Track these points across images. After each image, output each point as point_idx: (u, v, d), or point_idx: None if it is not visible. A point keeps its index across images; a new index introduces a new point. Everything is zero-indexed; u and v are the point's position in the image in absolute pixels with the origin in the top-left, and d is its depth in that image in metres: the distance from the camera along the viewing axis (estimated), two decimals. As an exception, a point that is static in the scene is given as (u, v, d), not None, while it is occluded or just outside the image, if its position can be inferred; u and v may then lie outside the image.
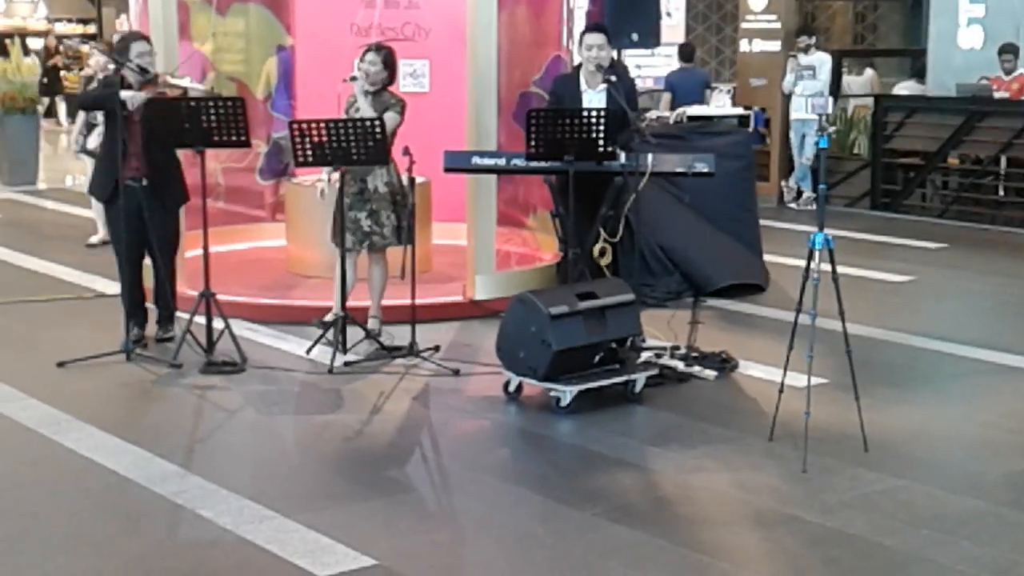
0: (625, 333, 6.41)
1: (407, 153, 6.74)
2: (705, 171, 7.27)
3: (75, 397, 6.34)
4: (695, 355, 6.95)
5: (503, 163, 7.48)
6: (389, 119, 7.05)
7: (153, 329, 7.37)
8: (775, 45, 13.55)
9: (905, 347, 7.52)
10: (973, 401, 6.53)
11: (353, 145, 6.79)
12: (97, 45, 10.57)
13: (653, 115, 12.16)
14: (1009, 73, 12.25)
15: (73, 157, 11.01)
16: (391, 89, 7.34)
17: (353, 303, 7.16)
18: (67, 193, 13.75)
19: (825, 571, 4.44)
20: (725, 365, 6.88)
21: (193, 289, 7.33)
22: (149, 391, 6.56)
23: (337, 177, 7.03)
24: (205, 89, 7.23)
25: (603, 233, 7.34)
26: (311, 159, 6.89)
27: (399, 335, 7.14)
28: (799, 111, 12.78)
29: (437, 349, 7.07)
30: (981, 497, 5.09)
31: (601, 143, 6.86)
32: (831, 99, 12.50)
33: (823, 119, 5.82)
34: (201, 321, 6.92)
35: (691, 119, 11.82)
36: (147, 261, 7.29)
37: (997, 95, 12.27)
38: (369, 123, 6.82)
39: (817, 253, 5.48)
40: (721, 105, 13.08)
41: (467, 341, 7.44)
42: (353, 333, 7.08)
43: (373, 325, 7.30)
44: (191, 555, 4.53)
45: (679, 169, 7.34)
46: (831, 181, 12.80)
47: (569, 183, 6.83)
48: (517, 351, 6.22)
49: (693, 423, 6.05)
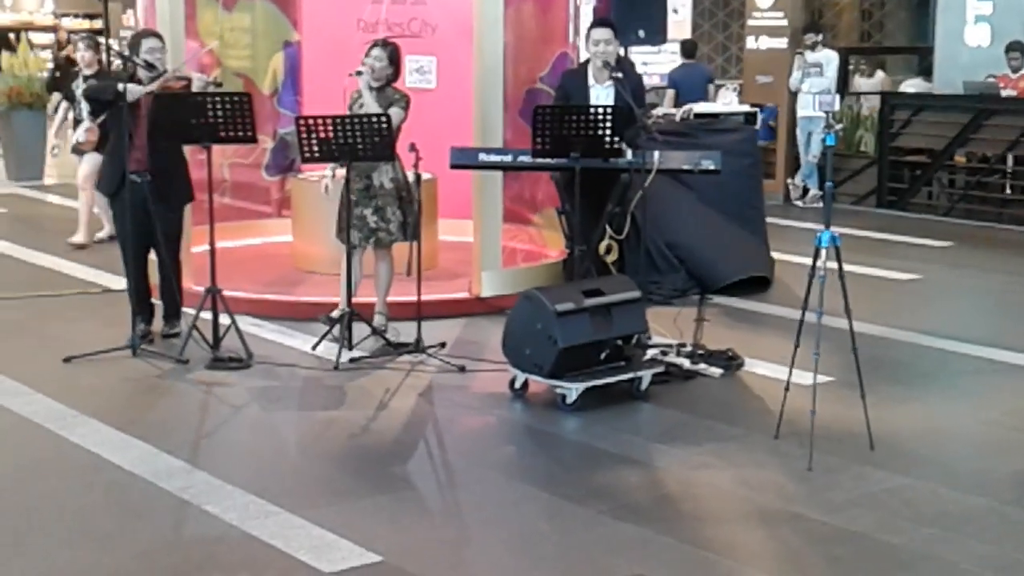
0: (631, 330, 6.41)
1: (413, 149, 6.73)
2: (711, 168, 7.26)
3: (81, 392, 6.35)
4: (701, 353, 6.95)
5: (509, 159, 7.47)
6: (394, 115, 7.04)
7: (159, 325, 7.39)
8: (782, 42, 13.53)
9: (911, 345, 7.51)
10: (979, 399, 6.53)
11: (359, 141, 6.79)
12: (84, 39, 10.39)
13: (659, 112, 12.15)
14: (1016, 71, 12.23)
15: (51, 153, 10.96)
16: (395, 85, 7.34)
17: (359, 299, 7.16)
18: (72, 188, 13.72)
19: (830, 569, 4.44)
20: (731, 363, 6.88)
21: (199, 285, 7.34)
22: (155, 387, 6.57)
23: (342, 173, 7.03)
24: (209, 80, 7.22)
25: (609, 230, 7.33)
26: (317, 155, 6.89)
27: (405, 331, 7.15)
28: (806, 108, 12.76)
29: (443, 346, 7.07)
30: (986, 495, 5.09)
31: (608, 140, 6.85)
32: (838, 96, 12.46)
33: (830, 116, 5.80)
34: (207, 317, 6.93)
35: (697, 116, 11.81)
36: (153, 256, 7.31)
37: (1004, 93, 12.25)
38: (375, 119, 6.82)
39: (823, 251, 5.48)
40: (728, 102, 13.05)
41: (473, 338, 7.44)
42: (359, 329, 7.09)
43: (379, 321, 7.31)
44: (197, 550, 4.54)
45: (685, 166, 7.32)
46: (837, 179, 12.77)
47: (575, 180, 6.84)
48: (523, 348, 6.22)
49: (699, 421, 6.05)
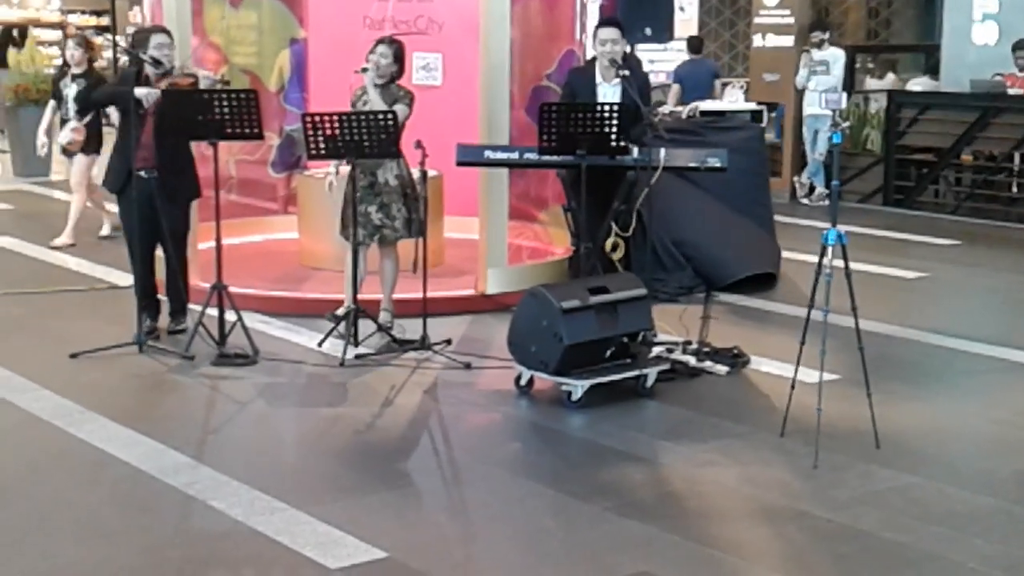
0: (637, 328, 6.40)
1: (420, 146, 6.73)
2: (718, 166, 7.26)
3: (88, 388, 6.35)
4: (707, 350, 6.95)
5: (515, 157, 7.48)
6: (399, 112, 7.04)
7: (165, 321, 7.39)
8: (788, 40, 13.51)
9: (918, 344, 7.50)
10: (986, 398, 6.52)
11: (366, 138, 6.79)
12: (74, 36, 10.29)
13: (666, 110, 12.15)
14: (1023, 69, 12.21)
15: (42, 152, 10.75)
16: (399, 82, 7.34)
17: (365, 296, 7.16)
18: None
19: (835, 567, 4.43)
20: (737, 360, 6.87)
21: (205, 281, 7.34)
22: (161, 383, 6.57)
23: (345, 170, 7.03)
24: (216, 78, 7.23)
25: (615, 227, 7.34)
26: (324, 152, 6.89)
27: (411, 328, 7.14)
28: (812, 106, 12.72)
29: (449, 343, 7.07)
30: (993, 495, 5.08)
31: (614, 137, 6.85)
32: (844, 94, 12.44)
33: (836, 115, 5.80)
34: (213, 313, 6.93)
35: (704, 114, 11.82)
36: (159, 253, 7.31)
37: (1011, 91, 12.23)
38: (381, 116, 6.82)
39: (830, 249, 5.47)
40: (734, 100, 13.05)
41: (479, 335, 7.44)
42: (365, 326, 7.09)
43: (385, 318, 7.30)
44: (202, 546, 4.55)
45: (691, 164, 7.33)
46: (844, 177, 12.76)
47: (581, 177, 6.83)
48: (529, 345, 6.22)
49: (704, 418, 6.04)
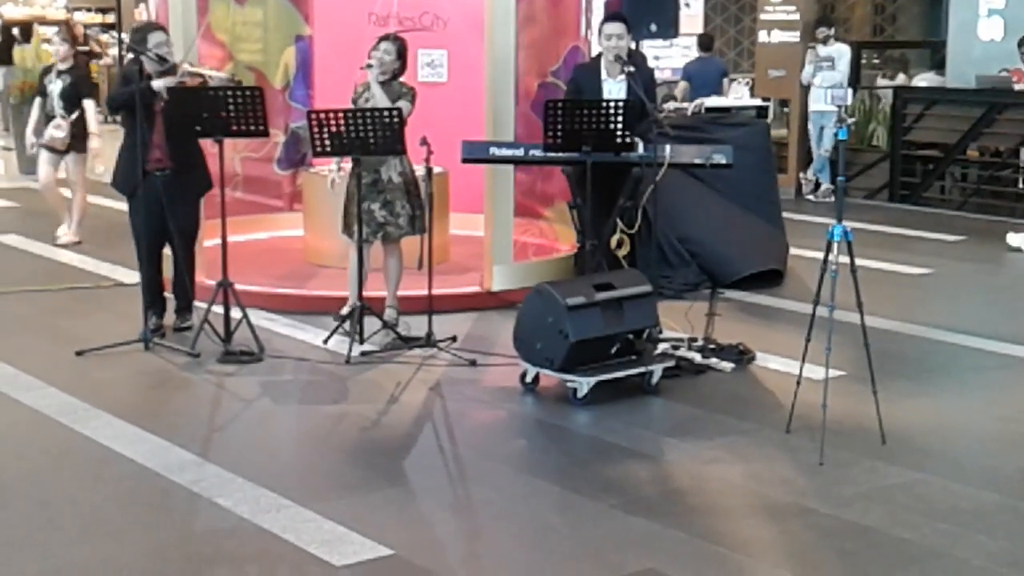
0: (642, 324, 6.40)
1: (425, 143, 6.73)
2: (723, 163, 7.26)
3: (93, 386, 6.36)
4: (712, 347, 6.94)
5: (521, 154, 7.47)
6: (403, 108, 7.04)
7: (171, 318, 7.40)
8: (794, 36, 13.49)
9: (923, 340, 7.49)
10: (991, 395, 6.51)
11: (371, 135, 6.79)
12: (60, 32, 10.17)
13: (671, 106, 12.15)
14: (1030, 65, 12.20)
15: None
16: (401, 79, 7.34)
17: (369, 293, 7.16)
18: (88, 183, 13.77)
19: (841, 564, 4.43)
20: (742, 357, 6.87)
21: (211, 279, 7.35)
22: (167, 380, 6.58)
23: (346, 167, 7.04)
24: (225, 76, 7.24)
25: (620, 224, 7.33)
26: (329, 149, 6.90)
27: (416, 325, 7.15)
28: (818, 102, 12.73)
29: (454, 339, 7.08)
30: (998, 491, 5.08)
31: (619, 134, 6.85)
32: (850, 90, 12.42)
33: (842, 110, 5.80)
34: (219, 310, 6.94)
35: (709, 110, 11.81)
36: (167, 251, 7.32)
37: (1017, 87, 12.21)
38: (386, 113, 6.82)
39: (835, 245, 5.47)
40: (739, 96, 13.04)
41: (484, 332, 7.44)
42: (370, 323, 7.09)
43: (390, 315, 7.31)
44: (208, 544, 4.55)
45: (697, 160, 7.33)
46: (850, 173, 12.76)
47: (587, 174, 6.83)
48: (534, 342, 6.22)
49: (710, 415, 6.04)
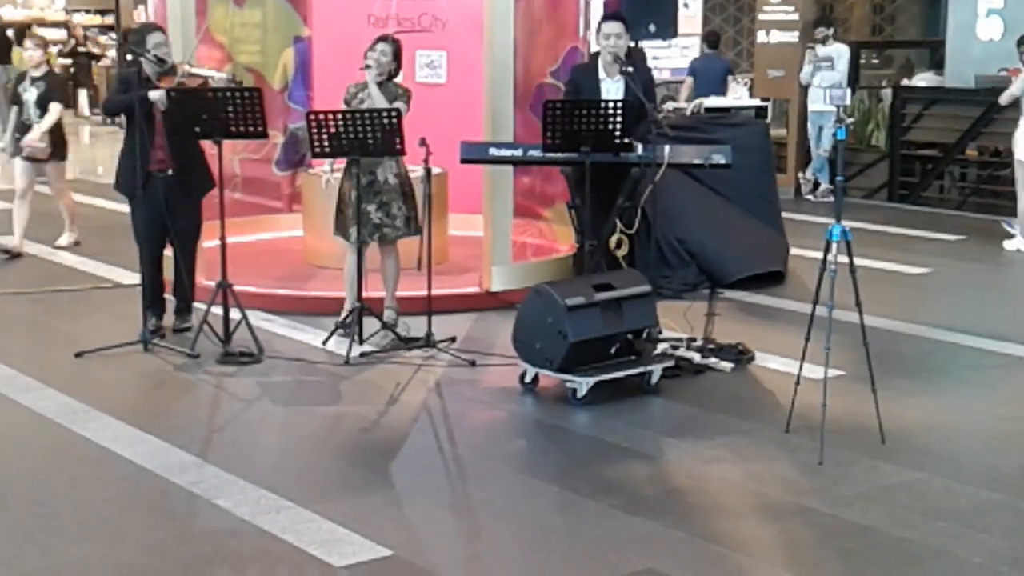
0: (641, 324, 6.40)
1: (424, 144, 6.73)
2: (722, 163, 7.25)
3: (93, 387, 6.36)
4: (712, 347, 6.94)
5: (520, 154, 7.47)
6: (400, 109, 7.04)
7: (171, 319, 7.40)
8: (793, 36, 13.49)
9: (923, 339, 7.49)
10: (991, 394, 6.51)
11: (370, 135, 6.79)
12: (33, 36, 10.10)
13: (670, 106, 12.14)
14: (1029, 64, 12.18)
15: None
16: (395, 80, 7.34)
17: (369, 294, 7.16)
18: (83, 184, 13.77)
19: (841, 563, 4.43)
20: (742, 357, 6.87)
21: (210, 280, 7.35)
22: (166, 381, 6.58)
23: (340, 167, 7.09)
24: (226, 77, 7.23)
25: (620, 224, 7.33)
26: (328, 150, 6.90)
27: (415, 326, 7.15)
28: (817, 102, 12.72)
29: (453, 340, 7.08)
30: (999, 490, 5.08)
31: (618, 134, 6.84)
32: (849, 90, 12.40)
33: (841, 110, 5.80)
34: (218, 311, 6.95)
35: (708, 111, 11.80)
36: (168, 252, 7.32)
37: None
38: (385, 114, 6.82)
39: (834, 245, 5.47)
40: (738, 96, 13.03)
41: (483, 332, 7.44)
42: (369, 324, 7.09)
43: (389, 316, 7.31)
44: (208, 545, 4.55)
45: (696, 161, 7.32)
46: (848, 173, 12.75)
47: (586, 174, 6.83)
48: (533, 342, 6.22)
49: (709, 415, 6.04)
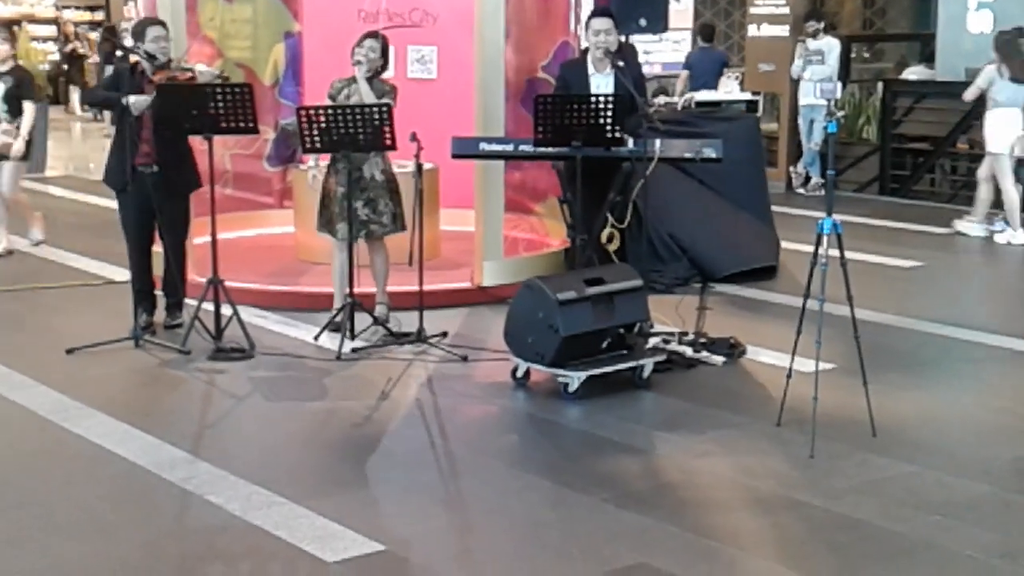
0: (633, 319, 6.41)
1: (415, 139, 6.73)
2: (713, 157, 7.25)
3: (84, 384, 6.35)
4: (703, 341, 6.95)
5: (511, 149, 7.46)
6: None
7: (162, 316, 7.39)
8: (784, 30, 13.49)
9: (914, 332, 7.51)
10: (982, 386, 6.53)
11: (361, 131, 6.79)
12: (1, 32, 9.99)
13: (661, 101, 12.15)
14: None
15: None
16: (382, 77, 7.34)
17: (360, 290, 7.16)
18: (76, 180, 13.78)
19: (832, 556, 4.44)
20: (733, 351, 6.87)
21: (201, 276, 7.34)
22: (158, 378, 6.57)
23: (325, 163, 7.11)
24: (214, 73, 7.22)
25: (611, 219, 7.33)
26: (319, 145, 6.89)
27: (407, 321, 7.15)
28: (807, 96, 12.73)
29: (445, 335, 7.07)
30: (990, 483, 5.09)
31: (609, 129, 6.85)
32: (839, 84, 12.39)
33: (831, 104, 5.80)
34: (209, 308, 6.93)
35: (699, 105, 11.82)
36: (157, 248, 7.31)
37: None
38: (376, 108, 6.81)
39: (825, 238, 5.47)
40: (729, 91, 13.05)
41: (475, 327, 7.44)
42: (361, 319, 7.09)
43: (380, 311, 7.31)
44: (200, 541, 4.55)
45: (687, 155, 7.32)
46: (840, 166, 12.75)
47: (577, 169, 6.83)
48: (525, 337, 6.22)
49: (701, 409, 6.05)
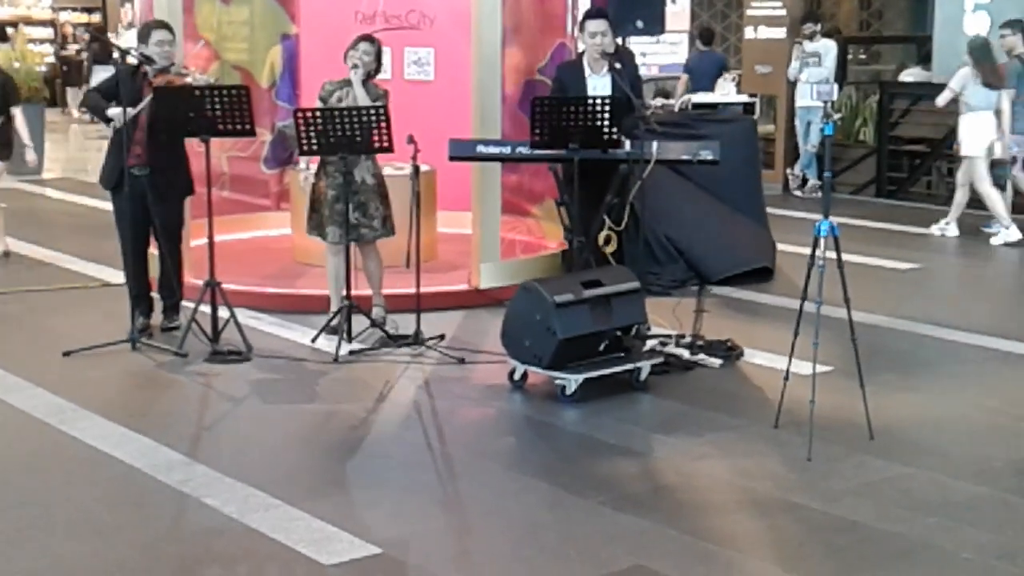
0: (630, 321, 6.41)
1: (412, 141, 6.73)
2: (710, 159, 7.25)
3: (81, 386, 6.34)
4: (700, 343, 6.95)
5: (508, 151, 7.46)
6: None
7: (158, 318, 7.39)
8: (780, 32, 13.51)
9: (911, 334, 7.51)
10: (979, 388, 6.53)
11: (358, 133, 6.79)
12: None
13: (658, 102, 12.16)
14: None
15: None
16: (374, 80, 7.34)
17: (357, 292, 7.15)
18: (72, 182, 13.76)
19: (830, 559, 4.44)
20: (730, 353, 6.87)
21: (198, 278, 7.33)
22: (155, 380, 6.56)
23: (315, 166, 7.13)
24: (206, 79, 7.22)
25: (608, 221, 7.33)
26: (316, 147, 6.89)
27: (404, 324, 7.14)
28: (804, 98, 12.74)
29: (442, 338, 7.07)
30: (987, 484, 5.09)
31: (606, 131, 6.85)
32: (836, 86, 12.42)
33: (828, 106, 5.80)
34: (206, 310, 6.93)
35: (696, 107, 11.82)
36: (153, 250, 7.30)
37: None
38: (372, 111, 6.81)
39: (822, 240, 5.47)
40: (726, 93, 13.05)
41: (472, 330, 7.43)
42: (358, 322, 7.08)
43: (378, 314, 7.30)
44: (197, 543, 4.55)
45: (684, 157, 7.32)
46: (836, 168, 12.76)
47: (574, 171, 6.83)
48: (522, 339, 6.22)
49: (698, 411, 6.05)
